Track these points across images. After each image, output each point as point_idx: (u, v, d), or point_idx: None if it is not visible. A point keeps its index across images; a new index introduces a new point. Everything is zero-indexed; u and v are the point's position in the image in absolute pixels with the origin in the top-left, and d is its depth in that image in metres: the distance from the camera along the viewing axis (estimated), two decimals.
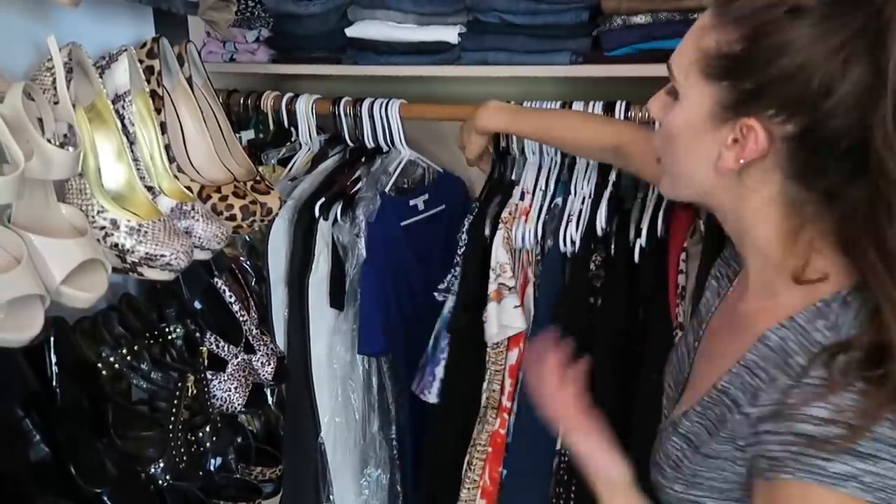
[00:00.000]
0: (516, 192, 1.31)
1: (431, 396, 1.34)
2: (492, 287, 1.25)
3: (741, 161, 0.63)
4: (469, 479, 1.31)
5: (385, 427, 1.45)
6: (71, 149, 0.83)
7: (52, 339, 0.90)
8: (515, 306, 1.24)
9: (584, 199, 1.26)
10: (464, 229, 1.32)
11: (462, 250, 1.32)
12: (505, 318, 1.23)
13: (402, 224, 1.43)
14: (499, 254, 1.24)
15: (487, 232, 1.28)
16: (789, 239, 0.66)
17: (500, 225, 1.26)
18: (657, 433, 0.80)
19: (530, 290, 1.27)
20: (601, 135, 1.11)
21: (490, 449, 1.30)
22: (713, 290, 0.84)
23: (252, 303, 1.31)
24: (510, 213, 1.27)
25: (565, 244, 1.22)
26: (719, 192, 0.68)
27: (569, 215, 1.24)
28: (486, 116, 1.16)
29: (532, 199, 1.29)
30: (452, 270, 1.34)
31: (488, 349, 1.29)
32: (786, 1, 0.58)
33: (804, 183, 0.63)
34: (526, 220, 1.26)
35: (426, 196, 1.48)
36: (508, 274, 1.24)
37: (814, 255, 0.65)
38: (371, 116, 1.43)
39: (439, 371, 1.33)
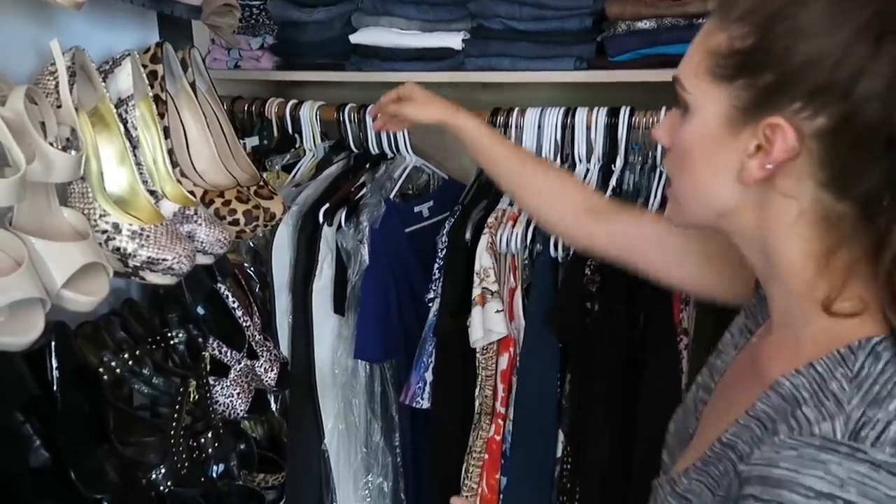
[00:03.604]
0: (506, 197, 1.30)
1: (424, 402, 1.33)
2: (476, 291, 1.25)
3: (768, 167, 0.55)
4: (467, 486, 1.30)
5: (388, 434, 1.44)
6: (73, 152, 0.83)
7: (52, 343, 0.90)
8: (498, 311, 1.23)
9: None
10: (444, 232, 1.31)
11: (442, 253, 1.32)
12: (488, 322, 1.22)
13: (407, 230, 1.42)
14: (483, 258, 1.24)
15: (468, 236, 1.28)
16: (821, 262, 0.57)
17: (485, 229, 1.25)
18: (651, 489, 0.71)
19: (518, 294, 1.26)
20: (575, 189, 0.95)
21: (486, 456, 1.29)
22: (728, 342, 0.76)
23: (255, 309, 1.31)
24: (496, 219, 1.26)
25: (556, 249, 1.21)
26: (742, 211, 0.59)
27: None
28: (463, 118, 1.02)
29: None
30: (434, 274, 1.33)
31: (477, 354, 1.28)
32: None
33: (840, 190, 0.54)
34: (514, 225, 1.25)
35: (431, 203, 1.47)
36: (492, 278, 1.23)
37: (850, 282, 0.55)
38: None
39: (428, 376, 1.32)
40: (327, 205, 1.32)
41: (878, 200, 0.53)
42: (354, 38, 1.50)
